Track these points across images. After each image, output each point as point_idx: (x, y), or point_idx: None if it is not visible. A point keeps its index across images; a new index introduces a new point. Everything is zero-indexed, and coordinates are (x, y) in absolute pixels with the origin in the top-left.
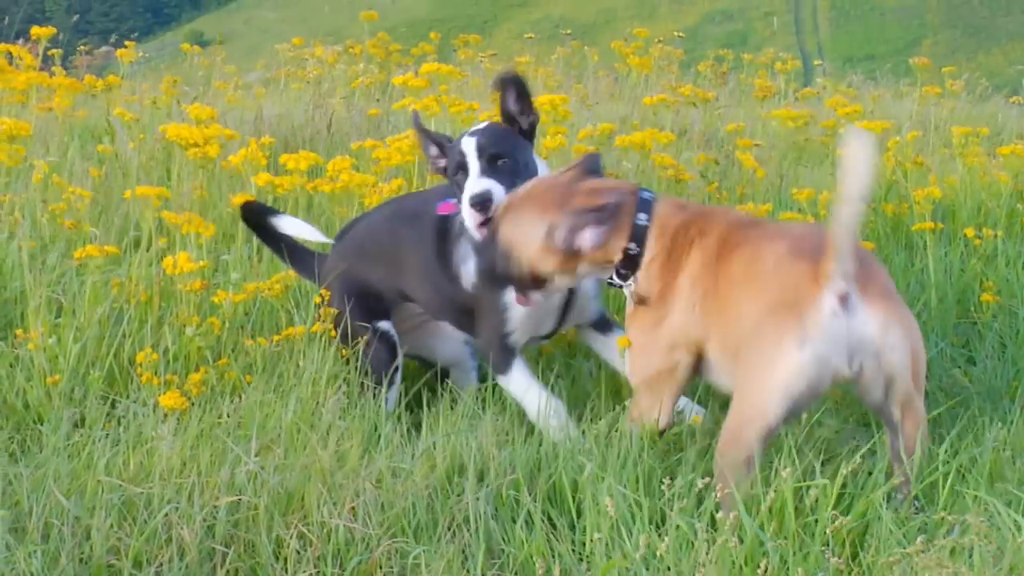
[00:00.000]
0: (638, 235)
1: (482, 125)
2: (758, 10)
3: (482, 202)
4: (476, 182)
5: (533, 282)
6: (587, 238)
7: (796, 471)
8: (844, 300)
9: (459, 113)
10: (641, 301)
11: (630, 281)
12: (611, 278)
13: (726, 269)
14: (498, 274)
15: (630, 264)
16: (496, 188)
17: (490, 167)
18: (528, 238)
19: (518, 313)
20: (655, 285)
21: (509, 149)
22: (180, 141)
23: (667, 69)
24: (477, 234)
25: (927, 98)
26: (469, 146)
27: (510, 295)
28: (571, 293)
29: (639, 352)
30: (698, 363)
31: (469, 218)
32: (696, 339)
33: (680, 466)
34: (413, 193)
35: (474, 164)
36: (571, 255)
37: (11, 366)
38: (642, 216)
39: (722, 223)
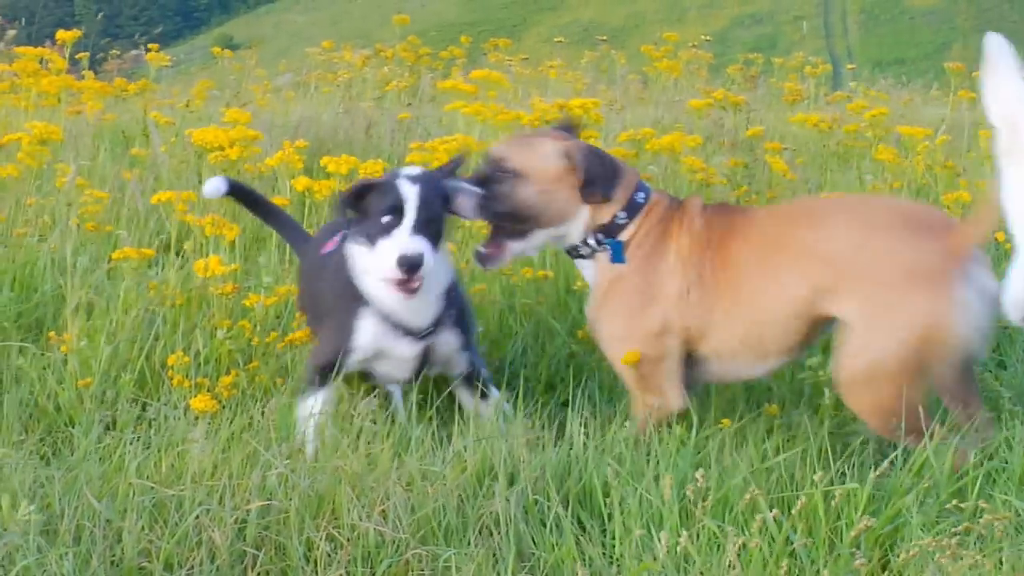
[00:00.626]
0: (632, 207)
1: (421, 172)
2: (787, 14)
3: (411, 267)
4: (410, 241)
5: (527, 220)
6: (601, 172)
7: (828, 474)
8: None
9: (506, 122)
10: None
11: (599, 251)
12: (581, 246)
13: (733, 253)
14: (498, 204)
15: (612, 231)
16: (428, 256)
17: (424, 225)
18: (546, 161)
19: (366, 336)
20: (637, 267)
21: (441, 213)
22: (205, 145)
23: (697, 73)
24: (392, 291)
25: (958, 102)
26: (411, 192)
27: (367, 318)
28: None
29: (621, 340)
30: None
31: (386, 272)
32: (689, 326)
33: (708, 466)
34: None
35: (410, 215)
36: (583, 189)
37: (43, 369)
38: (640, 195)
39: (704, 210)
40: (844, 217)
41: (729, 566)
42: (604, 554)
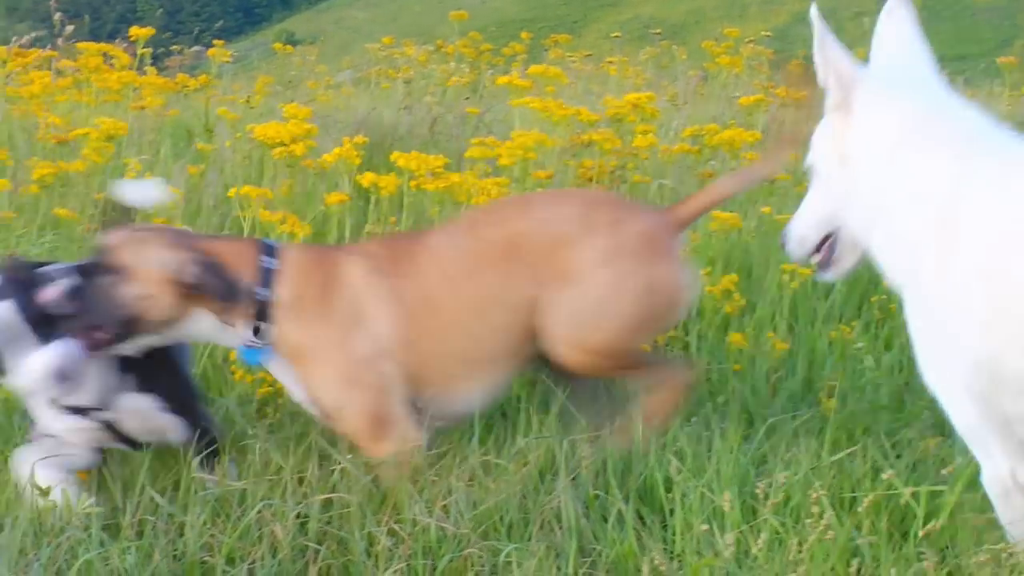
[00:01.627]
0: (265, 279)
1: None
2: (848, 10)
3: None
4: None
5: (130, 323)
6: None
7: (894, 470)
8: None
9: (564, 118)
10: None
11: (265, 334)
12: (249, 339)
13: (423, 276)
14: (96, 304)
15: (262, 312)
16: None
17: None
18: (151, 265)
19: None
20: (304, 326)
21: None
22: (267, 140)
23: (757, 69)
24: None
25: (1017, 98)
26: None
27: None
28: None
29: (340, 386)
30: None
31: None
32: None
33: (769, 463)
34: None
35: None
36: (194, 295)
37: None
38: (268, 259)
39: (367, 246)
40: (555, 201)
41: (792, 563)
42: (665, 550)
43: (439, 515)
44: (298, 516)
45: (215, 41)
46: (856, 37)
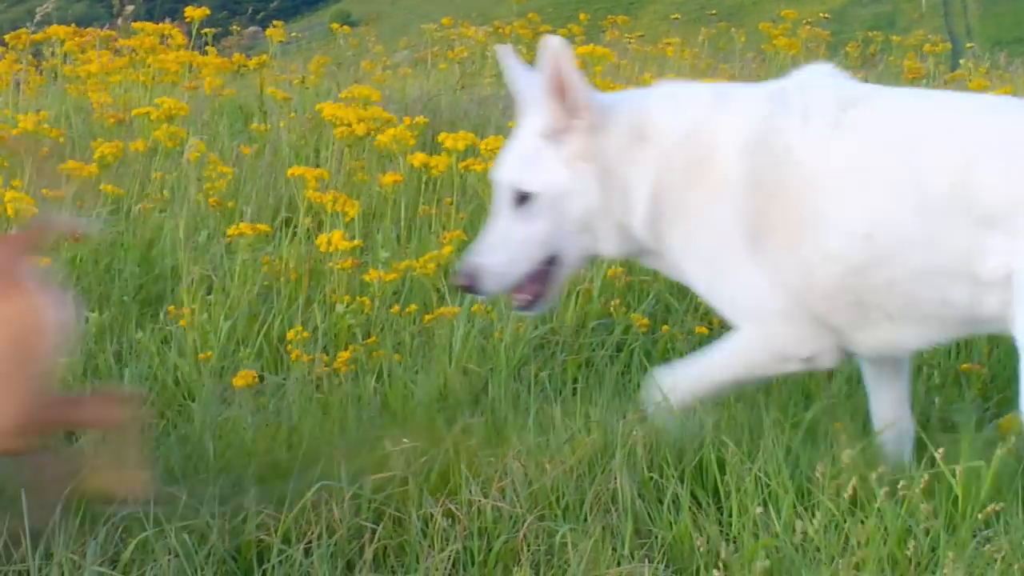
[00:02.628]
0: None
1: None
2: None
3: None
4: None
5: None
6: None
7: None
8: None
9: None
10: None
11: None
12: None
13: None
14: None
15: None
16: None
17: None
18: None
19: None
20: None
21: None
22: (334, 120)
23: (815, 51)
24: None
25: None
26: None
27: None
28: None
29: None
30: None
31: None
32: None
33: (824, 446)
34: None
35: None
36: None
37: (162, 343)
38: None
39: None
40: None
41: (848, 546)
42: (721, 532)
43: (495, 495)
44: (354, 496)
45: (273, 22)
46: (913, 19)
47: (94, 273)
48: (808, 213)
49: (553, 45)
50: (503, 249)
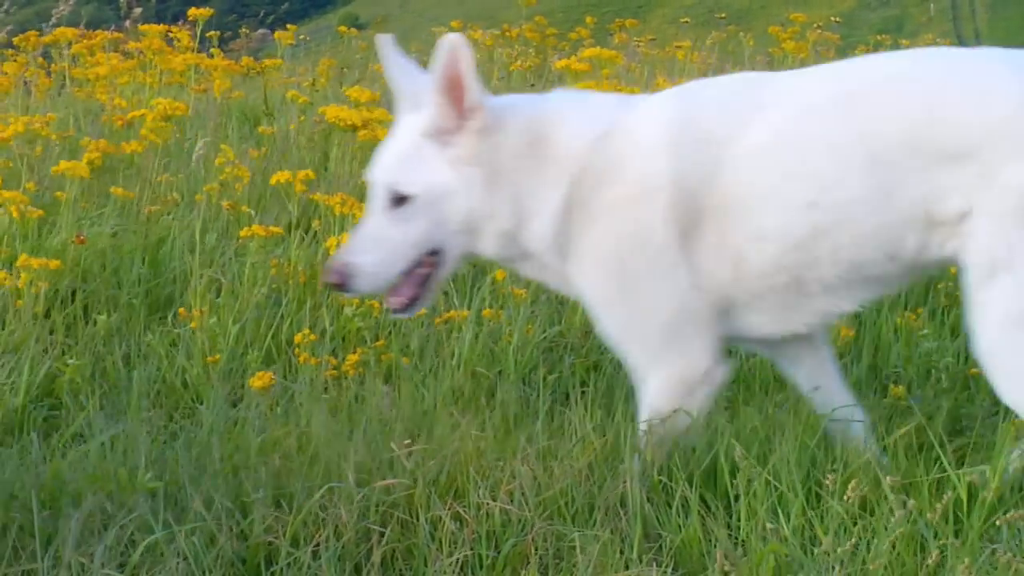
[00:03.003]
0: None
1: None
2: None
3: None
4: None
5: None
6: None
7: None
8: None
9: None
10: None
11: None
12: None
13: None
14: None
15: None
16: None
17: None
18: None
19: None
20: None
21: None
22: (338, 123)
23: (824, 54)
24: None
25: None
26: None
27: None
28: None
29: None
30: None
31: None
32: None
33: (834, 450)
34: None
35: None
36: None
37: (171, 346)
38: None
39: None
40: None
41: (858, 550)
42: (730, 536)
43: (504, 499)
44: (362, 499)
45: (290, 27)
46: (922, 23)
47: (102, 276)
48: (739, 196)
49: (452, 41)
50: (378, 249)
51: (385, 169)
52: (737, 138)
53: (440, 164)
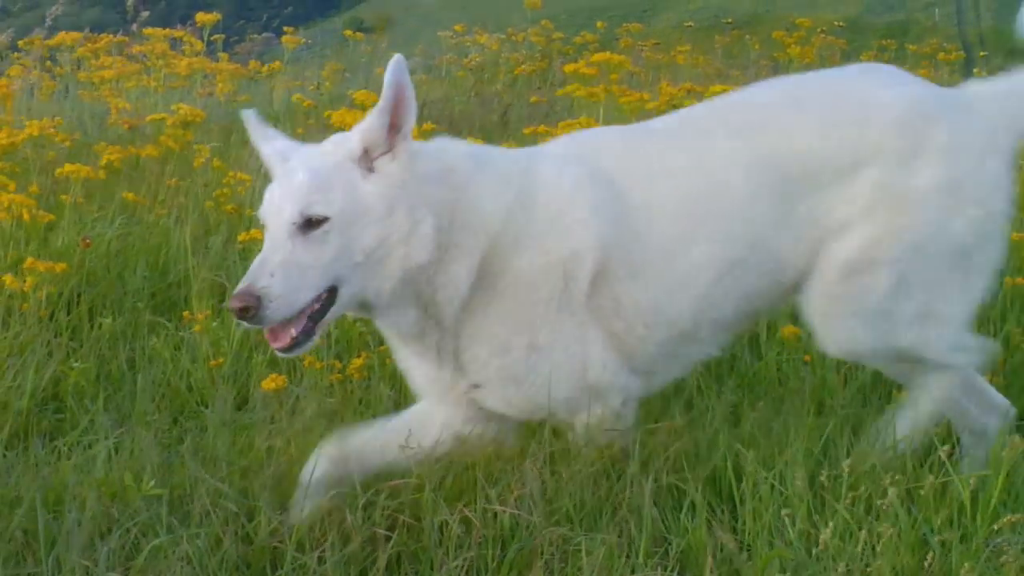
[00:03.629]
0: None
1: None
2: (919, 1)
3: None
4: None
5: None
6: None
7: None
8: None
9: (629, 104)
10: None
11: None
12: None
13: None
14: None
15: None
16: None
17: None
18: None
19: None
20: None
21: None
22: (344, 127)
23: (829, 59)
24: None
25: None
26: None
27: None
28: None
29: None
30: None
31: None
32: None
33: (837, 453)
34: None
35: None
36: None
37: (175, 349)
38: None
39: None
40: None
41: (863, 554)
42: (736, 539)
43: (511, 503)
44: (368, 503)
45: (286, 28)
46: (927, 28)
47: (107, 279)
48: (655, 248)
49: (400, 60)
50: (288, 274)
51: (293, 196)
52: (644, 192)
53: (362, 184)
